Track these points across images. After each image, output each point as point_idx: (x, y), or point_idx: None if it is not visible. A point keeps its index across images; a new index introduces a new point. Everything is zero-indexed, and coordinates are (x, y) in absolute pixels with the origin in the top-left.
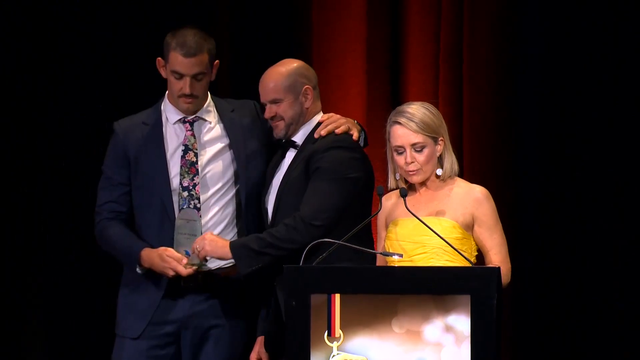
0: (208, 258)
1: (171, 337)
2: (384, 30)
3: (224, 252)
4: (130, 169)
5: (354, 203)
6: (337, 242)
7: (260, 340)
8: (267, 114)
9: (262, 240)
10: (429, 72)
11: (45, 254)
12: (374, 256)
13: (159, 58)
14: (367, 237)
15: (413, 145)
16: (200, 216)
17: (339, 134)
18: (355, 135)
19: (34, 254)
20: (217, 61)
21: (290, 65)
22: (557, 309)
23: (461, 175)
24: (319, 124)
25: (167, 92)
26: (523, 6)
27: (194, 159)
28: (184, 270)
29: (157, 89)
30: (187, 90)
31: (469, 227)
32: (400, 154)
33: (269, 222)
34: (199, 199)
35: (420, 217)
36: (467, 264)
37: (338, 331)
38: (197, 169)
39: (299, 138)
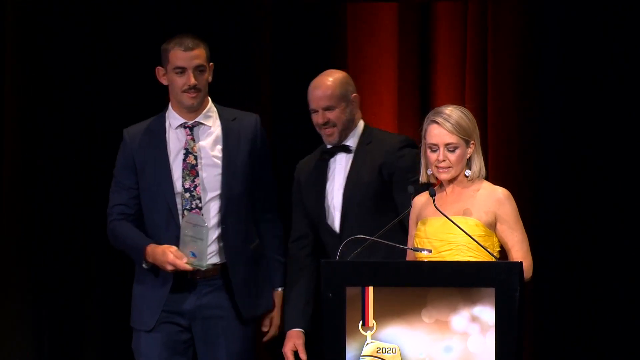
0: (210, 263)
1: (183, 327)
2: (414, 43)
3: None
4: (137, 173)
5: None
6: (370, 238)
7: (292, 333)
8: (321, 120)
9: None
10: (456, 81)
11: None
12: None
13: (158, 67)
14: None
15: (447, 144)
16: (205, 221)
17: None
18: None
19: (91, 253)
20: (211, 63)
21: (340, 75)
22: (577, 301)
23: (486, 175)
24: (365, 128)
25: (170, 100)
26: (543, 17)
27: (194, 162)
28: (183, 265)
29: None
30: (191, 82)
31: (491, 226)
32: (433, 151)
33: (337, 222)
34: (200, 199)
35: (449, 216)
36: (490, 260)
37: (372, 321)
38: (197, 171)
39: (351, 142)
